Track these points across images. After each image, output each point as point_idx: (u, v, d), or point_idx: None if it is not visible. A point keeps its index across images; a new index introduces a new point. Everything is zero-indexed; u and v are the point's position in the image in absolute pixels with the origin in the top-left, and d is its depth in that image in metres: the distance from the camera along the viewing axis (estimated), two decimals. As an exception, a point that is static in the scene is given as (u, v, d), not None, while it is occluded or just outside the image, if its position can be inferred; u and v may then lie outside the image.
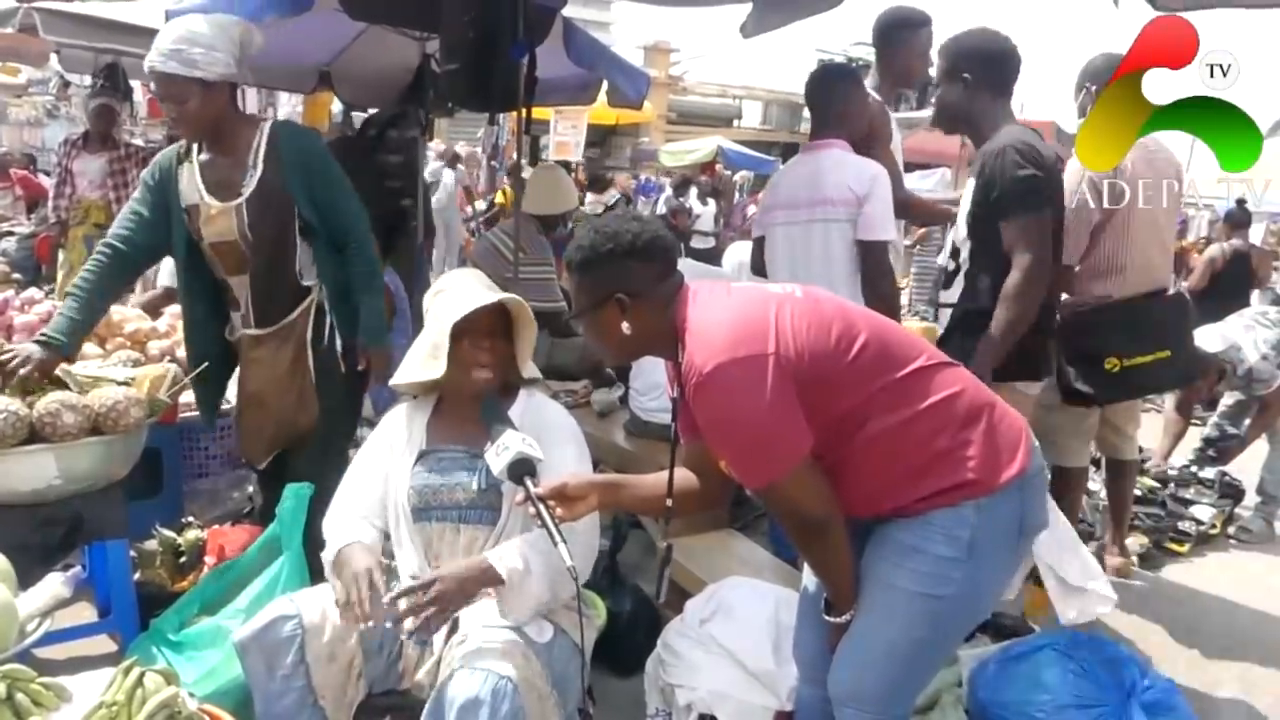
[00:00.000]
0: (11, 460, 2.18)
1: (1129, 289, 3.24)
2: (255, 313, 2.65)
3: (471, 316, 1.97)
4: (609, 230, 1.71)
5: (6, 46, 8.13)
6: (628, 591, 2.89)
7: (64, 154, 5.79)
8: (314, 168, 2.60)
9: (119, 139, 5.77)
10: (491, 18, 3.49)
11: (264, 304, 2.65)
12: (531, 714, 1.72)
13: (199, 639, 2.31)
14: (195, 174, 2.58)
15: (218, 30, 2.47)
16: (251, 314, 2.66)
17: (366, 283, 2.70)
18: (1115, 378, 3.21)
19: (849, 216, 2.87)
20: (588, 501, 1.78)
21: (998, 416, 1.67)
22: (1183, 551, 4.09)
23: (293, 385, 2.67)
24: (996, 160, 2.59)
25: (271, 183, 2.54)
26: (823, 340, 1.60)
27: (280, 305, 2.65)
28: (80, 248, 5.67)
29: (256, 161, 2.54)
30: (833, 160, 2.93)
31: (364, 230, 2.70)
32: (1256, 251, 7.32)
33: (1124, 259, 3.24)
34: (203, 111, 2.48)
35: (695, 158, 16.37)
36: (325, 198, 2.61)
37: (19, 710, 1.59)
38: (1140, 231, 3.24)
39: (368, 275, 2.70)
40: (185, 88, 2.44)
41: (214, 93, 2.48)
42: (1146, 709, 2.04)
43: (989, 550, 1.64)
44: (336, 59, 5.07)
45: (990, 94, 2.73)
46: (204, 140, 2.59)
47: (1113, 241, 3.24)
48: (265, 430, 2.73)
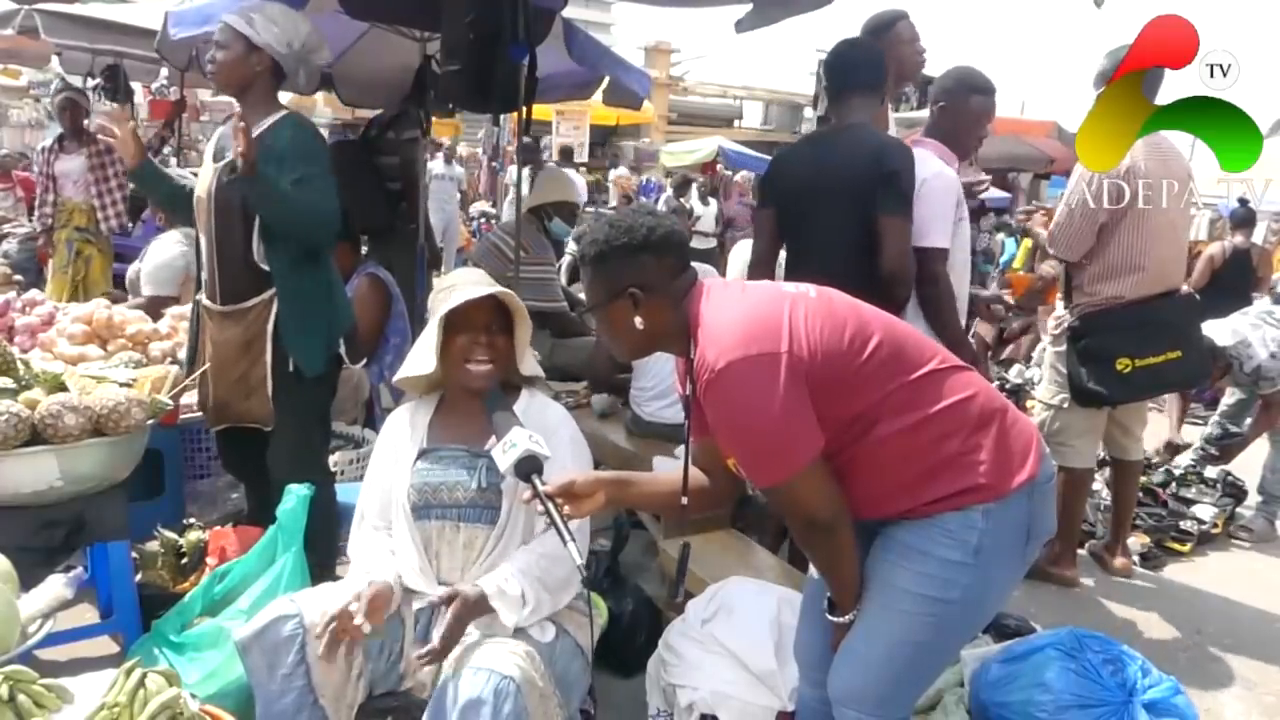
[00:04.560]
0: (13, 462, 2.18)
1: (1144, 289, 3.25)
2: (214, 282, 2.74)
3: (468, 312, 1.98)
4: (623, 224, 1.70)
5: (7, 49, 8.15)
6: (629, 591, 2.88)
7: (44, 160, 5.78)
8: (288, 156, 2.60)
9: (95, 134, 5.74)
10: (492, 18, 3.49)
11: (222, 274, 2.72)
12: (534, 714, 1.72)
13: (200, 640, 2.31)
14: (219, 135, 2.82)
15: (286, 15, 2.69)
16: (215, 284, 2.74)
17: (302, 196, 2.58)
18: (1127, 378, 3.22)
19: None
20: (595, 499, 1.77)
21: (1009, 421, 1.67)
22: (1184, 551, 4.09)
23: (237, 367, 2.72)
24: None
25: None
26: (836, 340, 1.60)
27: (237, 284, 2.70)
28: (62, 250, 5.67)
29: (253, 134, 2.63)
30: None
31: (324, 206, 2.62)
32: (1257, 250, 7.32)
33: (1143, 259, 3.24)
34: (234, 65, 2.65)
35: (696, 158, 16.35)
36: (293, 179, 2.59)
37: (21, 711, 1.59)
38: (1159, 231, 3.24)
39: (307, 199, 2.58)
40: (232, 39, 2.64)
41: (252, 57, 2.64)
42: (1149, 709, 2.04)
43: (996, 555, 1.63)
44: (338, 60, 5.07)
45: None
46: (230, 96, 2.78)
47: (1129, 241, 3.24)
48: (208, 398, 2.83)
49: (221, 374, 2.75)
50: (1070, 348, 3.38)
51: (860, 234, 2.67)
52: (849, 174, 2.70)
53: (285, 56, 2.67)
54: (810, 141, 3.21)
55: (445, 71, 3.72)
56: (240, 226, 2.66)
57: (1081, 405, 3.37)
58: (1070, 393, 3.36)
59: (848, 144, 2.76)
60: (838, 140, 2.83)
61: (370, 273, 3.97)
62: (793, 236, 2.92)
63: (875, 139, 2.76)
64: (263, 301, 2.68)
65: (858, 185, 2.67)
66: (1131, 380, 3.23)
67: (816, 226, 2.80)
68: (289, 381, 2.70)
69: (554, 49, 3.98)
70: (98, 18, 6.21)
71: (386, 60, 4.95)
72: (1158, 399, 5.19)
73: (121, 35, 6.33)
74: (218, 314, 2.75)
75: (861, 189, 2.66)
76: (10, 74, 12.50)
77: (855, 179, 2.68)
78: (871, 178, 2.66)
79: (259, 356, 2.70)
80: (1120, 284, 3.26)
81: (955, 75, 3.05)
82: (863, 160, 2.68)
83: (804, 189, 2.81)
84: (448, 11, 3.54)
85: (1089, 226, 3.25)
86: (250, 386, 2.72)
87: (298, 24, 2.70)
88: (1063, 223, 3.36)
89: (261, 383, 2.71)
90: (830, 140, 2.89)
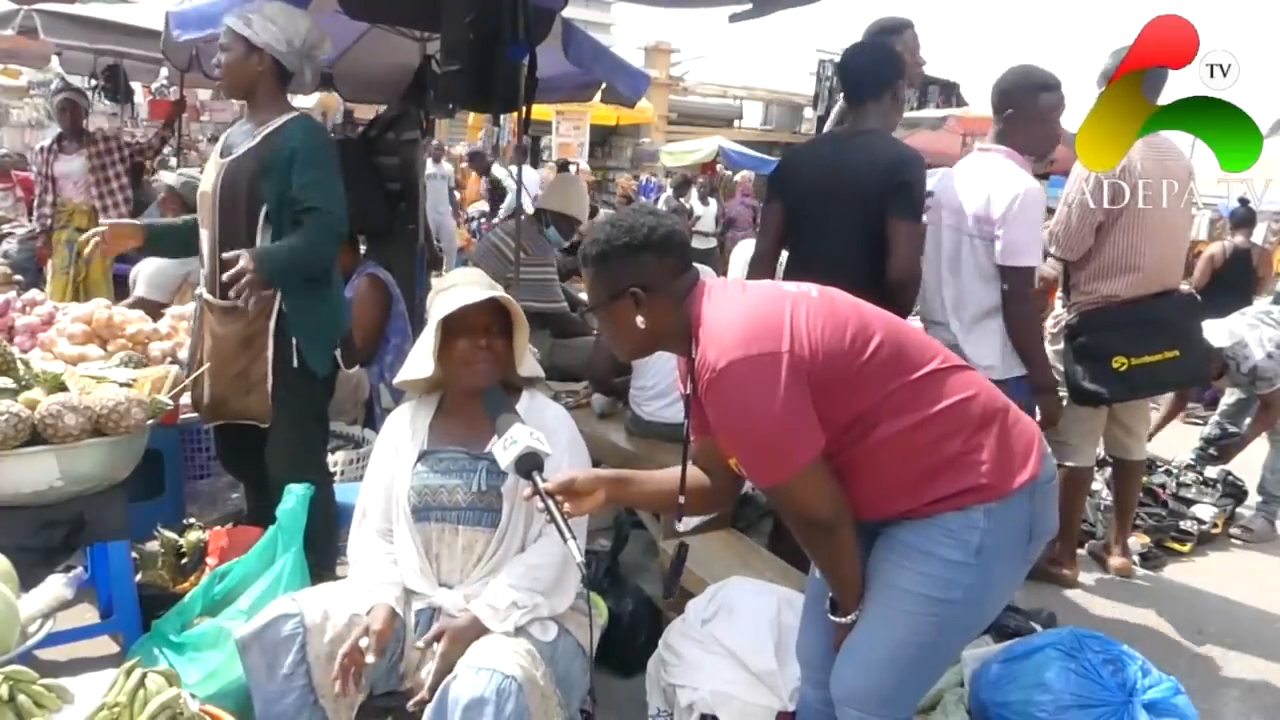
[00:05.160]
0: (13, 461, 2.18)
1: (1140, 289, 3.24)
2: (214, 278, 2.74)
3: (466, 316, 1.98)
4: (625, 224, 1.70)
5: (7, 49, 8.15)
6: (629, 591, 2.88)
7: (42, 161, 5.75)
8: (299, 156, 2.62)
9: (95, 134, 5.73)
10: (492, 18, 3.49)
11: (223, 271, 2.68)
12: (535, 713, 1.72)
13: (201, 640, 2.31)
14: (229, 133, 2.85)
15: (285, 14, 2.70)
16: (215, 279, 2.73)
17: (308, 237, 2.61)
18: (1123, 376, 3.22)
19: (985, 235, 2.81)
20: (595, 497, 1.77)
21: (1011, 421, 1.67)
22: (1184, 551, 4.08)
23: (237, 363, 2.71)
24: None
25: (259, 155, 2.65)
26: (837, 340, 1.59)
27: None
28: (63, 251, 5.64)
29: (260, 134, 2.68)
30: (987, 170, 2.87)
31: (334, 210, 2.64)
32: (1257, 250, 7.32)
33: (1139, 259, 3.23)
34: (238, 68, 2.68)
35: (696, 158, 16.36)
36: (302, 184, 2.62)
37: (21, 711, 1.59)
38: (1156, 231, 3.23)
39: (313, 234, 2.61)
40: (234, 41, 2.67)
41: (255, 57, 2.66)
42: (1149, 709, 2.04)
43: (997, 555, 1.63)
44: (338, 60, 5.07)
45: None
46: (239, 100, 2.81)
47: (1126, 241, 3.23)
48: (204, 394, 2.81)
49: (221, 369, 2.75)
50: (1067, 346, 3.38)
51: (866, 240, 2.69)
52: (862, 179, 2.71)
53: (286, 55, 2.68)
54: (825, 142, 3.23)
55: (445, 71, 3.72)
56: (245, 223, 2.66)
57: (1079, 404, 3.37)
58: (1069, 392, 3.35)
59: (863, 149, 2.77)
60: (853, 145, 2.83)
61: (370, 273, 3.97)
62: (799, 235, 2.93)
63: (892, 148, 2.78)
64: (264, 298, 2.67)
65: (870, 191, 2.69)
66: (1128, 379, 3.23)
67: (824, 228, 2.81)
68: (289, 379, 2.70)
69: (554, 50, 3.98)
70: (98, 18, 6.21)
71: (386, 60, 4.95)
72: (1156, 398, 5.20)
73: (122, 35, 6.33)
74: (219, 309, 2.74)
75: (873, 195, 2.68)
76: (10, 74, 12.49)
77: (868, 185, 2.69)
78: (885, 185, 2.68)
79: (260, 353, 2.69)
80: (1116, 283, 3.26)
81: (1016, 79, 2.93)
82: (878, 168, 2.70)
83: (815, 189, 2.82)
84: (448, 11, 3.54)
85: (1087, 226, 3.25)
86: (250, 383, 2.72)
87: (297, 21, 2.70)
88: (1062, 222, 3.36)
89: (262, 379, 2.70)
90: (846, 144, 2.89)
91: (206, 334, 2.80)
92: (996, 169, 2.85)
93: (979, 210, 2.83)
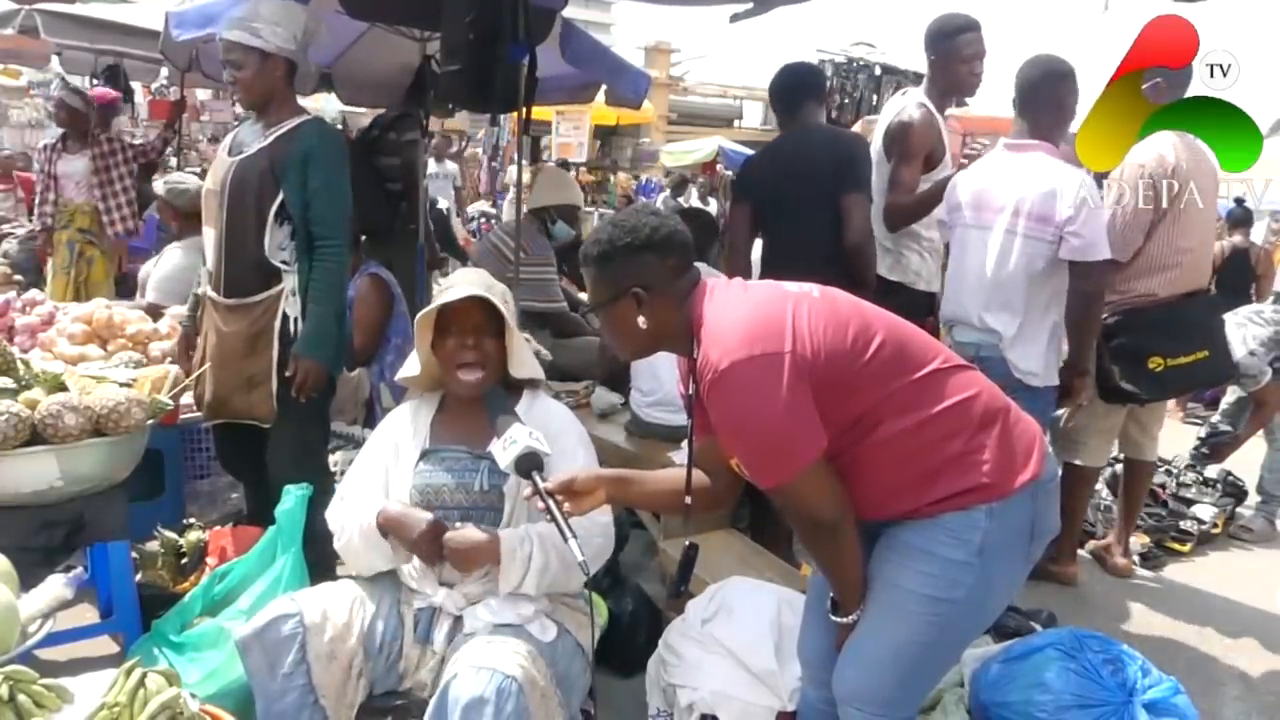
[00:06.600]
0: (13, 461, 2.18)
1: (1176, 287, 3.24)
2: (219, 276, 2.74)
3: (456, 315, 1.99)
4: (627, 224, 1.70)
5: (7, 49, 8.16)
6: (629, 591, 2.88)
7: (45, 159, 5.73)
8: (314, 157, 2.64)
9: (99, 136, 5.73)
10: (492, 18, 3.49)
11: (228, 269, 2.72)
12: (535, 714, 1.72)
13: (201, 640, 2.31)
14: (236, 132, 2.88)
15: (283, 10, 2.68)
16: (220, 276, 2.74)
17: (322, 291, 2.68)
18: (1158, 377, 3.23)
19: (1044, 235, 2.81)
20: (596, 496, 1.77)
21: (1012, 421, 1.67)
22: (1184, 551, 4.08)
23: (241, 362, 2.71)
24: None
25: (271, 155, 2.65)
26: (839, 340, 1.59)
27: (244, 278, 2.70)
28: (64, 251, 5.63)
29: (272, 135, 2.68)
30: (1036, 168, 2.86)
31: (339, 238, 2.70)
32: (1256, 250, 7.36)
33: (1179, 256, 3.23)
34: (257, 79, 2.66)
35: (696, 158, 16.33)
36: (314, 187, 2.65)
37: (21, 711, 1.59)
38: (1192, 229, 3.23)
39: (326, 284, 2.69)
40: (246, 55, 2.64)
41: (271, 65, 2.66)
42: (1149, 709, 2.04)
43: (999, 555, 1.63)
44: (337, 60, 5.08)
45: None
46: (256, 108, 2.75)
47: (1167, 239, 3.22)
48: (205, 392, 2.81)
49: (224, 368, 2.74)
50: (1102, 346, 3.36)
51: (829, 216, 3.06)
52: (816, 163, 3.10)
53: (295, 51, 2.69)
54: (776, 144, 3.46)
55: (445, 71, 3.72)
56: (253, 222, 2.66)
57: (1108, 403, 3.36)
58: (1098, 391, 3.34)
59: (809, 141, 3.21)
60: (800, 140, 3.23)
61: (372, 273, 3.96)
62: (775, 222, 3.25)
63: (835, 134, 3.41)
64: (271, 296, 2.68)
65: (824, 172, 3.08)
66: (1162, 379, 3.23)
67: (789, 214, 3.17)
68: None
69: (554, 50, 3.98)
70: (98, 18, 6.22)
71: (386, 60, 4.95)
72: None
73: (122, 35, 6.34)
74: (223, 307, 2.74)
75: (827, 176, 3.07)
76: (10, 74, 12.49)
77: (822, 167, 3.09)
78: (835, 164, 3.08)
79: (264, 352, 2.69)
80: (1153, 280, 3.25)
81: (1037, 75, 2.95)
82: (828, 153, 3.13)
83: (775, 183, 3.21)
84: (448, 11, 3.54)
85: (1139, 227, 3.23)
86: (254, 382, 2.71)
87: (294, 14, 2.70)
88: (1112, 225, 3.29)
89: (266, 378, 2.69)
90: (797, 140, 3.26)
91: (210, 332, 2.80)
92: (1046, 167, 2.86)
93: (1037, 209, 2.82)
